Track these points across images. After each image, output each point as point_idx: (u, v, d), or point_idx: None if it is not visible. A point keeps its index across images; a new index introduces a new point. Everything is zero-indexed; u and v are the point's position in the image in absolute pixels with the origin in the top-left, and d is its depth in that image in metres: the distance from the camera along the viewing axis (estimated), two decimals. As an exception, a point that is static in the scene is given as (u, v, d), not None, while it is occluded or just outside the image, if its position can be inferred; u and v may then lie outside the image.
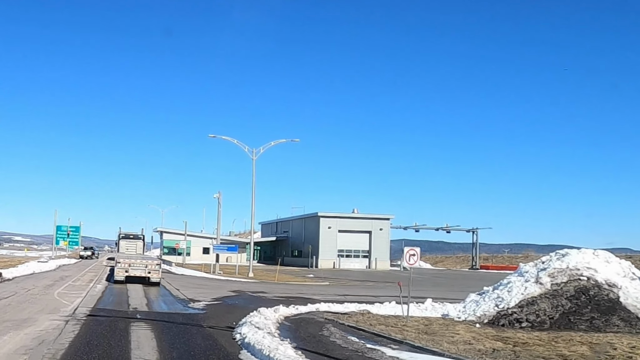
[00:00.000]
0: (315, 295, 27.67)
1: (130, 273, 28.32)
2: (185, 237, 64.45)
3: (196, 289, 28.32)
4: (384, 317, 17.75)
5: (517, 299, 17.39)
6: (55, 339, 11.92)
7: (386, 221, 73.29)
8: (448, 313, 18.58)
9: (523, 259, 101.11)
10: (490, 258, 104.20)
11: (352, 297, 26.98)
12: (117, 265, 28.62)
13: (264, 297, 25.17)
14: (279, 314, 17.59)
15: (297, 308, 19.21)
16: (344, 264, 70.25)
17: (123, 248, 38.33)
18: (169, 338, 12.69)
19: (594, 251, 19.30)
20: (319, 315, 18.16)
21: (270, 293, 27.81)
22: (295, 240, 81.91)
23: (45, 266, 43.82)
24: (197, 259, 77.51)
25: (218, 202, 45.89)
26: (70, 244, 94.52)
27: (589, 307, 16.82)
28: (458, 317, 17.87)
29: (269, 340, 11.48)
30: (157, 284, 28.52)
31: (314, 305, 20.33)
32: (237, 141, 44.20)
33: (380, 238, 72.22)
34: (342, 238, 71.64)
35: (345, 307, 20.75)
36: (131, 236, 39.92)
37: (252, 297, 25.07)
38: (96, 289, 25.11)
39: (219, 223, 47.16)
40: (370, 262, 71.71)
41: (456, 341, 12.80)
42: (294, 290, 30.87)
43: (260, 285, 34.55)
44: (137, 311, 17.60)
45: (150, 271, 28.40)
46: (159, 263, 29.19)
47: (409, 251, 16.11)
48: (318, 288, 33.76)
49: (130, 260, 28.72)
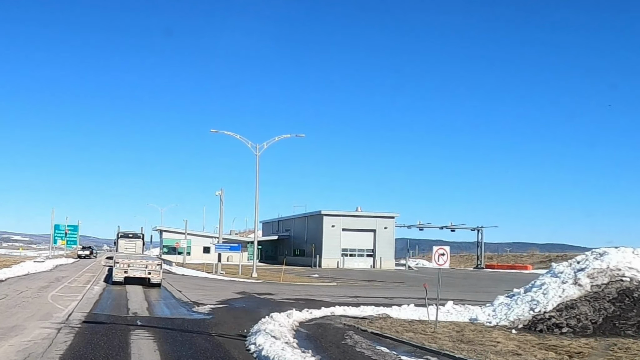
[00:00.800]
0: (325, 296, 26.15)
1: (129, 274, 26.77)
2: (185, 236, 62.85)
3: (199, 291, 26.78)
4: (408, 323, 16.24)
5: (555, 302, 15.86)
6: (44, 352, 10.37)
7: (391, 220, 71.65)
8: (477, 317, 17.05)
9: (528, 258, 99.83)
10: (493, 257, 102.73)
11: (364, 299, 25.46)
12: (116, 266, 27.06)
13: (272, 300, 23.64)
14: (293, 319, 16.07)
15: (311, 312, 17.68)
16: (347, 264, 68.66)
17: (122, 247, 36.77)
18: (174, 350, 11.13)
19: (633, 250, 17.79)
20: (336, 320, 16.64)
21: (277, 295, 26.29)
22: (297, 240, 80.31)
23: (41, 266, 42.21)
24: (198, 258, 75.99)
25: (220, 200, 44.32)
26: (69, 243, 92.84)
27: (635, 311, 15.29)
28: (488, 321, 16.35)
29: (290, 354, 9.94)
30: (158, 285, 26.98)
31: (329, 309, 18.78)
32: (240, 136, 42.67)
33: (384, 237, 70.56)
34: (346, 237, 69.99)
35: (362, 311, 19.22)
36: (130, 235, 38.32)
37: (260, 300, 23.53)
38: (93, 291, 23.54)
39: (221, 221, 45.59)
40: (375, 261, 70.09)
41: (501, 351, 11.26)
42: (302, 291, 29.35)
43: (266, 286, 33.01)
44: (137, 317, 16.05)
45: (150, 272, 26.85)
46: (159, 263, 27.62)
47: (437, 250, 14.57)
48: (326, 289, 32.23)
49: (129, 261, 27.17)
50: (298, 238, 79.83)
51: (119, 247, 37.10)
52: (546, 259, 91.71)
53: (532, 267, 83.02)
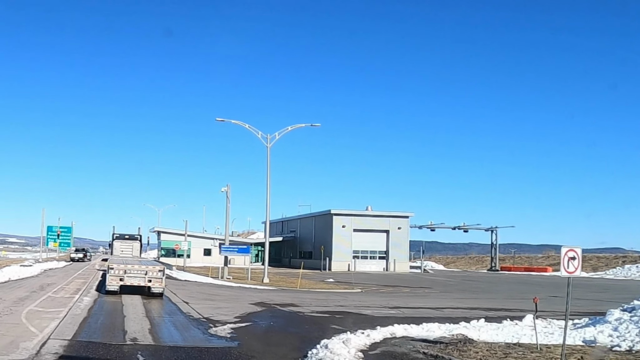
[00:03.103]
0: (360, 308, 21.83)
1: (126, 282, 22.37)
2: (185, 238, 58.34)
3: (209, 302, 22.42)
4: (507, 347, 11.96)
5: None
6: None
7: (405, 219, 67.29)
8: (594, 338, 12.71)
9: (543, 260, 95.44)
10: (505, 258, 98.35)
11: (410, 311, 21.13)
12: (110, 272, 22.61)
13: (300, 314, 19.28)
14: (352, 346, 11.74)
15: (369, 335, 13.33)
16: (359, 266, 64.14)
17: (117, 250, 32.37)
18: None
19: None
20: (407, 346, 12.33)
21: (302, 306, 21.93)
22: (303, 241, 75.86)
23: (27, 271, 37.68)
24: (198, 261, 71.73)
25: (226, 197, 39.88)
26: (62, 245, 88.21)
27: None
28: (615, 344, 12.05)
29: None
30: (160, 295, 22.59)
31: (385, 328, 14.42)
32: (249, 126, 38.30)
33: (398, 238, 66.18)
34: (357, 238, 65.56)
35: (428, 330, 14.89)
36: (126, 236, 33.92)
37: (286, 314, 19.15)
38: (81, 305, 19.08)
39: (227, 220, 41.21)
40: (388, 264, 65.74)
41: None
42: (328, 300, 24.99)
43: (283, 294, 28.62)
44: (137, 345, 11.64)
45: (151, 279, 22.44)
46: (162, 269, 23.13)
47: (567, 253, 10.24)
48: (354, 297, 27.90)
49: (126, 266, 22.73)
50: (304, 239, 75.40)
51: (114, 250, 32.73)
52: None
53: (551, 269, 78.77)
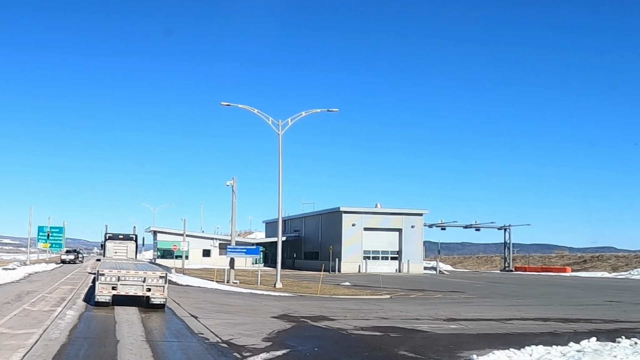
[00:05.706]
0: (408, 320, 17.72)
1: (119, 291, 18.12)
2: (184, 238, 54.07)
3: (223, 315, 18.20)
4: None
5: None
6: None
7: (419, 217, 63.13)
8: None
9: (558, 259, 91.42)
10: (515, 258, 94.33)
11: (468, 323, 16.97)
12: (100, 279, 18.29)
13: (343, 332, 15.08)
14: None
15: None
16: (370, 267, 60.15)
17: (110, 252, 28.13)
18: None
19: None
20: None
21: (338, 319, 17.76)
22: (309, 241, 71.59)
23: (7, 276, 33.24)
24: (197, 262, 67.71)
25: (232, 191, 35.59)
26: (53, 246, 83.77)
27: None
28: None
29: None
30: (162, 307, 18.37)
31: (483, 358, 10.29)
32: (258, 111, 34.11)
33: (412, 237, 62.02)
34: (368, 237, 61.37)
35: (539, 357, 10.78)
36: (120, 237, 29.60)
37: (326, 334, 14.93)
38: (62, 323, 14.79)
39: (233, 217, 36.90)
40: (401, 264, 61.56)
41: None
42: (364, 311, 20.80)
43: (305, 302, 24.41)
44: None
45: (150, 288, 18.20)
46: (163, 275, 18.79)
47: None
48: (388, 305, 23.78)
49: (119, 272, 18.41)
50: (310, 239, 71.14)
51: (107, 252, 28.44)
52: (580, 260, 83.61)
53: (570, 269, 74.97)
